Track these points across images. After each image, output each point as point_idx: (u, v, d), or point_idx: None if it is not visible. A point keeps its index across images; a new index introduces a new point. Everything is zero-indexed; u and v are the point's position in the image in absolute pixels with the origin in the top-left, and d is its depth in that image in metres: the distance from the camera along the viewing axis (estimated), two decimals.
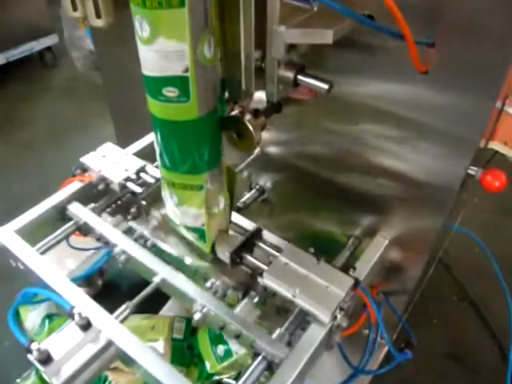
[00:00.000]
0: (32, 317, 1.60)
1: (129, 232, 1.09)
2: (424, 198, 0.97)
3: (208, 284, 0.99)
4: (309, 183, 1.18)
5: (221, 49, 0.77)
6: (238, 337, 0.90)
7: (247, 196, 1.26)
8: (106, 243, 1.09)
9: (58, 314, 1.59)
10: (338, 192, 1.12)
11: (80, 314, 0.83)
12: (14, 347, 1.63)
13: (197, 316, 0.91)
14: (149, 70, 0.71)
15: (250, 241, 0.97)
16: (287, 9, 0.69)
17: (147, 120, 0.83)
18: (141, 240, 1.08)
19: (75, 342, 0.83)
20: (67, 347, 0.82)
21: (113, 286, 1.71)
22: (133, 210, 1.11)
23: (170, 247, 1.05)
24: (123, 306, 0.92)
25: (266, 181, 1.27)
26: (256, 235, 0.99)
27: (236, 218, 1.04)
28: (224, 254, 0.94)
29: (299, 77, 0.77)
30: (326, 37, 0.69)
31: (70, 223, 1.10)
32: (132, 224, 1.10)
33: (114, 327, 0.86)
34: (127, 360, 0.84)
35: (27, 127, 2.71)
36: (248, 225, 1.03)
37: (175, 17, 0.64)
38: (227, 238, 0.97)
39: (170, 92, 0.71)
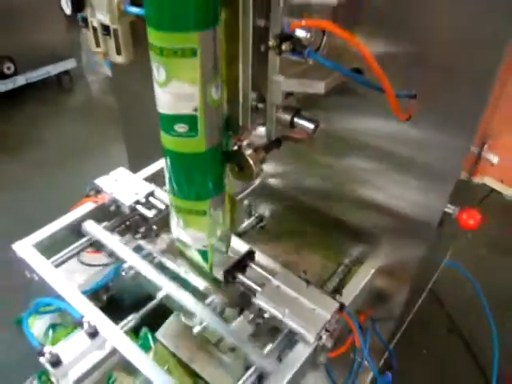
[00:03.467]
0: (38, 326, 1.69)
1: (137, 250, 1.18)
2: (407, 230, 1.06)
3: (208, 301, 1.07)
4: (304, 213, 1.27)
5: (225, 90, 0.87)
6: (232, 350, 0.98)
7: (247, 223, 1.35)
8: (117, 259, 1.18)
9: (62, 324, 1.68)
10: (330, 222, 1.20)
11: (89, 323, 0.91)
12: (17, 356, 1.71)
13: (196, 329, 1.00)
14: (163, 108, 0.81)
15: (243, 261, 1.06)
16: (285, 62, 0.79)
17: (158, 147, 0.92)
18: (148, 257, 1.17)
19: (83, 348, 0.91)
20: (76, 352, 0.90)
21: (116, 300, 1.79)
22: (142, 229, 1.20)
23: (176, 266, 1.14)
24: (129, 317, 1.01)
25: (264, 209, 1.36)
26: (248, 256, 1.07)
27: (232, 240, 1.13)
28: (218, 273, 1.03)
29: (295, 119, 0.88)
30: (319, 87, 0.79)
31: (84, 239, 1.20)
32: (141, 242, 1.19)
33: (118, 337, 0.94)
34: (129, 367, 0.92)
35: (41, 147, 2.84)
36: (241, 246, 1.11)
37: (188, 65, 0.74)
38: (222, 258, 1.06)
39: (181, 128, 0.81)
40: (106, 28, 1.20)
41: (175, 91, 0.78)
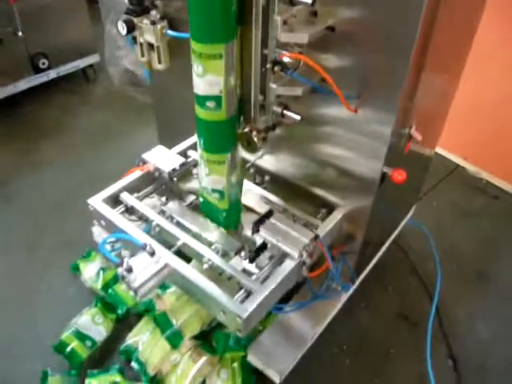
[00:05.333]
0: (89, 269, 2.19)
1: (161, 213, 1.64)
2: (361, 187, 1.51)
3: (213, 247, 1.50)
4: (290, 178, 1.73)
5: (240, 94, 1.34)
6: (229, 278, 1.41)
7: None
8: (146, 220, 1.61)
9: (109, 268, 2.16)
10: (311, 183, 1.66)
11: (150, 246, 1.39)
12: (75, 292, 2.20)
13: (205, 266, 1.45)
14: (199, 90, 1.24)
15: (264, 217, 1.53)
16: (277, 76, 1.26)
17: (186, 125, 1.32)
18: (169, 218, 1.61)
19: (146, 263, 1.38)
20: (142, 265, 1.37)
21: None
22: (163, 199, 1.69)
23: (189, 223, 1.59)
24: None
25: (264, 175, 1.82)
26: (269, 214, 1.55)
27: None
28: (248, 225, 1.52)
29: (285, 111, 1.35)
30: (298, 91, 1.27)
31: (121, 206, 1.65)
32: (164, 208, 1.64)
33: (169, 255, 1.42)
34: (177, 277, 1.40)
35: (72, 132, 3.30)
36: (273, 198, 1.64)
37: (217, 64, 1.18)
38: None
39: (211, 104, 1.25)
40: (150, 45, 1.67)
41: (208, 80, 1.22)
